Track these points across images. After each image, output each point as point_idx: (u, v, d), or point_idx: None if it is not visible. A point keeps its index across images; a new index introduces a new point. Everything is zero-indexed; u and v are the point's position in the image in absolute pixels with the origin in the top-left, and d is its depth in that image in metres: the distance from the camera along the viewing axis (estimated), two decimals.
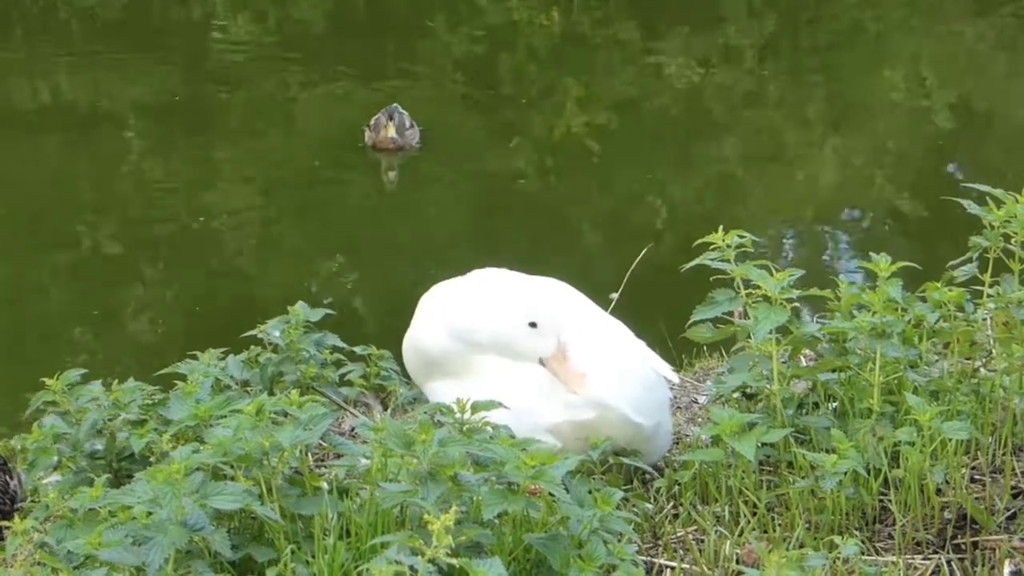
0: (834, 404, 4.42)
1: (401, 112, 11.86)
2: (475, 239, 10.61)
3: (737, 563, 3.86)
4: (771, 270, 4.33)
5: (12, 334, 9.25)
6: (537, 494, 3.41)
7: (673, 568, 3.91)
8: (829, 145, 12.37)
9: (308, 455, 3.57)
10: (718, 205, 11.20)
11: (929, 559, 3.94)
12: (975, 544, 3.98)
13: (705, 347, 5.71)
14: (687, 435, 4.78)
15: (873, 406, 4.18)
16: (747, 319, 4.38)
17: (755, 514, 4.05)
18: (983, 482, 4.22)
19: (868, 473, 4.05)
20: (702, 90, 13.65)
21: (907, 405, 4.08)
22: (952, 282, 4.55)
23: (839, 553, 3.70)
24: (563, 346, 4.25)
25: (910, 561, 3.92)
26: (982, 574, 3.87)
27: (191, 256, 10.31)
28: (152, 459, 4.28)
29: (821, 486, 3.91)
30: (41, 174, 11.65)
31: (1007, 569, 3.89)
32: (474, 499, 3.41)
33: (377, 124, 11.82)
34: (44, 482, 4.77)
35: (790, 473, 4.20)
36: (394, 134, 11.70)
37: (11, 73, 13.78)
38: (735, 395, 4.51)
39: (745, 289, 4.36)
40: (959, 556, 3.95)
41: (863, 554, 3.87)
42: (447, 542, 3.03)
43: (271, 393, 4.93)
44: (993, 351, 4.68)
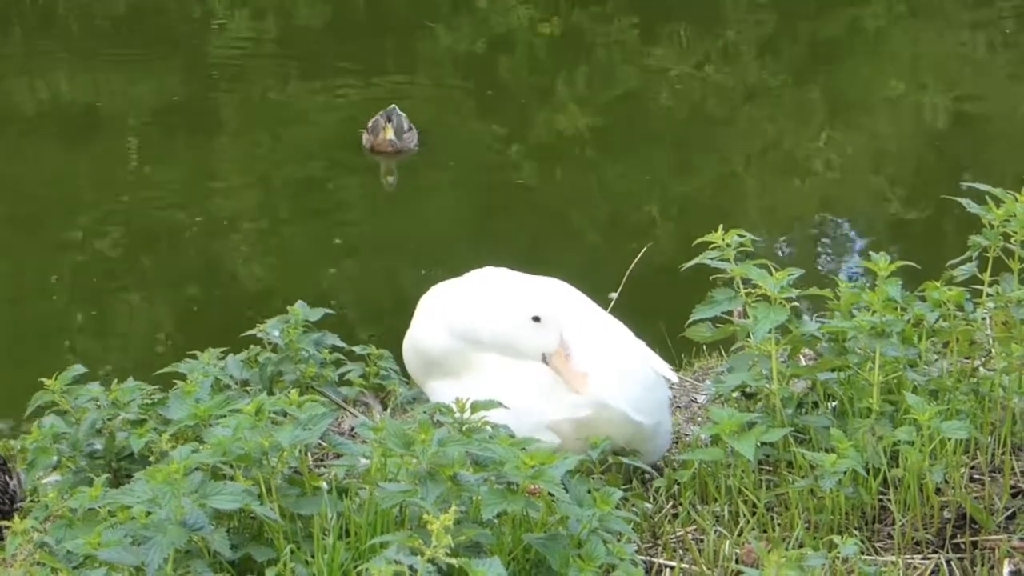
0: (833, 403, 4.42)
1: (399, 114, 11.72)
2: (475, 240, 10.60)
3: (736, 563, 3.86)
4: (770, 269, 4.33)
5: (12, 334, 9.25)
6: (536, 494, 3.41)
7: (672, 568, 3.91)
8: (828, 144, 12.36)
9: (307, 455, 3.57)
10: (717, 204, 11.20)
11: (928, 559, 3.94)
12: (974, 544, 3.98)
13: (704, 346, 5.71)
14: (686, 434, 4.78)
15: (872, 405, 4.18)
16: (746, 318, 4.38)
17: (754, 514, 4.05)
18: (982, 481, 4.22)
19: (867, 472, 4.05)
20: (702, 90, 13.65)
21: (906, 404, 4.08)
22: (951, 281, 4.54)
23: (838, 553, 3.70)
24: (566, 344, 4.24)
25: (909, 561, 3.92)
26: (981, 574, 3.87)
27: (190, 256, 10.31)
28: (151, 459, 4.28)
29: (820, 485, 3.91)
30: (40, 174, 11.64)
31: (1006, 568, 3.88)
32: (473, 499, 3.41)
33: (375, 126, 11.66)
34: (43, 482, 4.76)
35: (789, 472, 4.20)
36: (392, 136, 11.55)
37: (10, 73, 13.78)
38: (734, 394, 4.51)
39: (744, 288, 4.36)
40: (958, 556, 3.95)
41: (862, 554, 3.87)
42: (446, 542, 3.03)
43: (270, 393, 4.92)
44: (992, 350, 4.67)
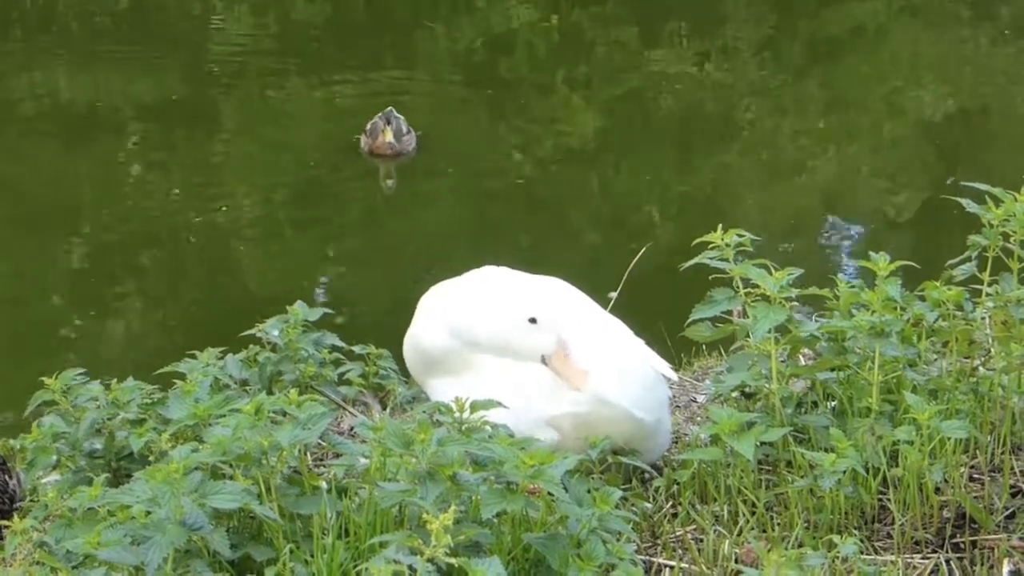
0: (833, 403, 4.42)
1: (397, 116, 11.65)
2: (475, 240, 10.60)
3: (736, 562, 3.86)
4: (770, 269, 4.33)
5: (12, 334, 9.25)
6: (536, 493, 3.41)
7: (672, 567, 3.91)
8: (828, 144, 12.37)
9: (307, 454, 3.57)
10: (717, 204, 11.20)
11: (928, 558, 3.94)
12: (974, 543, 3.98)
13: (704, 346, 5.71)
14: (686, 434, 4.78)
15: (872, 405, 4.18)
16: (746, 318, 4.38)
17: (754, 513, 4.05)
18: (982, 481, 4.22)
19: (867, 472, 4.05)
20: (701, 90, 13.65)
21: (906, 404, 4.08)
22: (951, 281, 4.54)
23: (838, 552, 3.71)
24: (564, 344, 4.24)
25: (909, 560, 3.92)
26: (981, 573, 3.87)
27: (190, 255, 10.31)
28: (151, 458, 4.28)
29: (820, 485, 3.91)
30: (40, 173, 11.64)
31: (1006, 568, 3.89)
32: (473, 498, 3.41)
33: (374, 129, 11.57)
34: (43, 481, 4.76)
35: (789, 472, 4.20)
36: (391, 139, 11.46)
37: (10, 72, 13.77)
38: (734, 394, 4.51)
39: (744, 288, 4.36)
40: (958, 555, 3.95)
41: (862, 553, 3.87)
42: (446, 541, 3.03)
43: (270, 392, 4.92)
44: (992, 350, 4.67)
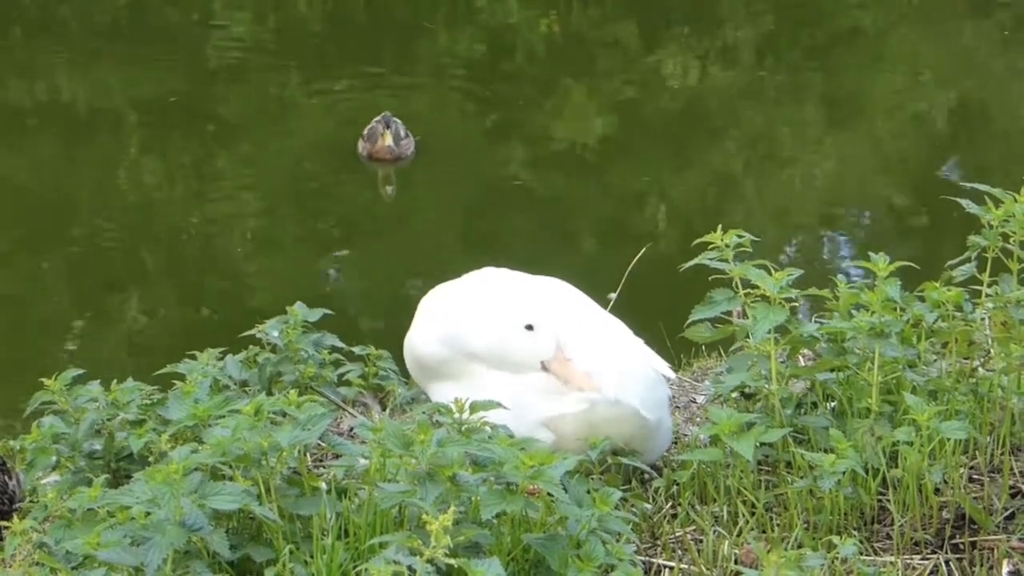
0: (832, 404, 4.42)
1: (396, 120, 11.61)
2: (475, 240, 10.60)
3: (735, 563, 3.87)
4: (769, 270, 4.33)
5: (12, 334, 9.25)
6: (536, 494, 3.42)
7: (671, 568, 3.91)
8: (827, 145, 12.36)
9: (306, 455, 3.57)
10: (717, 205, 11.20)
11: (927, 559, 3.94)
12: (973, 544, 3.98)
13: (704, 347, 5.70)
14: (685, 435, 4.77)
15: (871, 406, 4.18)
16: (746, 319, 4.38)
17: (753, 514, 4.05)
18: (981, 482, 4.22)
19: (866, 473, 4.05)
20: (701, 90, 13.65)
21: (905, 405, 4.08)
22: (950, 282, 4.54)
23: (837, 553, 3.71)
24: (562, 347, 4.22)
25: (908, 561, 3.92)
26: (980, 574, 3.87)
27: (189, 256, 10.30)
28: (151, 459, 4.28)
29: (819, 486, 3.91)
30: (39, 174, 11.64)
31: (1005, 569, 3.89)
32: (473, 499, 3.41)
33: (372, 133, 11.48)
34: (43, 482, 4.76)
35: (788, 473, 4.20)
36: (391, 143, 11.38)
37: (9, 72, 13.76)
38: (733, 395, 4.50)
39: (744, 289, 4.36)
40: (957, 556, 3.95)
41: (861, 554, 3.87)
42: (445, 542, 3.03)
43: (269, 393, 4.92)
44: (991, 351, 4.67)
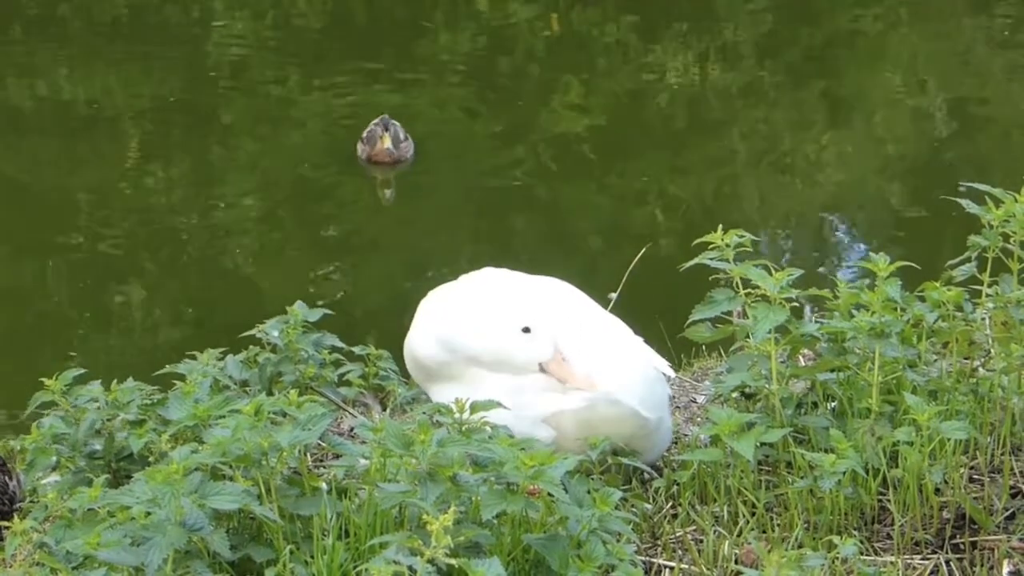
0: (833, 404, 4.42)
1: (394, 123, 11.59)
2: (475, 241, 10.60)
3: (736, 563, 3.86)
4: (770, 269, 4.33)
5: (11, 334, 9.25)
6: (536, 494, 3.41)
7: (672, 568, 3.91)
8: (828, 144, 12.36)
9: (307, 455, 3.57)
10: (717, 205, 11.20)
11: (928, 559, 3.94)
12: (974, 544, 3.98)
13: (704, 347, 5.71)
14: (686, 435, 4.77)
15: (872, 406, 4.18)
16: (746, 319, 4.37)
17: (754, 514, 4.05)
18: (982, 482, 4.22)
19: (867, 473, 4.05)
20: (701, 90, 13.64)
21: (906, 405, 4.08)
22: (951, 282, 4.54)
23: (838, 553, 3.71)
24: (560, 348, 4.22)
25: (909, 561, 3.92)
26: (981, 574, 3.87)
27: (189, 256, 10.30)
28: (151, 459, 4.28)
29: (820, 486, 3.91)
30: (39, 174, 11.64)
31: (1006, 569, 3.89)
32: (473, 499, 3.41)
33: (372, 136, 11.44)
34: (43, 482, 4.76)
35: (789, 473, 4.20)
36: (390, 145, 11.32)
37: (9, 72, 13.76)
38: (734, 395, 4.50)
39: (744, 289, 4.35)
40: (958, 556, 3.95)
41: (862, 554, 3.87)
42: (446, 542, 3.03)
43: (270, 393, 4.92)
44: (992, 351, 4.67)
